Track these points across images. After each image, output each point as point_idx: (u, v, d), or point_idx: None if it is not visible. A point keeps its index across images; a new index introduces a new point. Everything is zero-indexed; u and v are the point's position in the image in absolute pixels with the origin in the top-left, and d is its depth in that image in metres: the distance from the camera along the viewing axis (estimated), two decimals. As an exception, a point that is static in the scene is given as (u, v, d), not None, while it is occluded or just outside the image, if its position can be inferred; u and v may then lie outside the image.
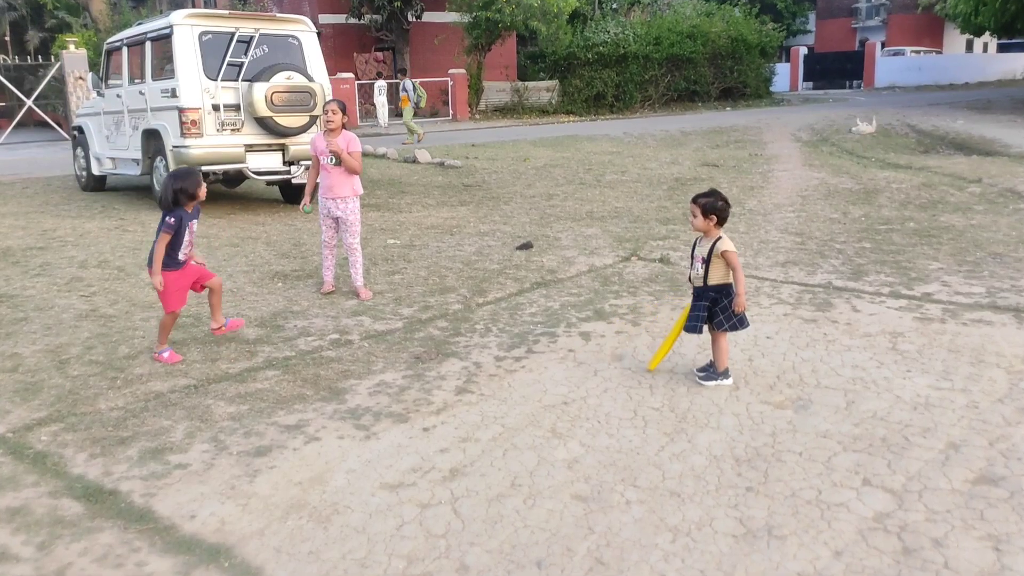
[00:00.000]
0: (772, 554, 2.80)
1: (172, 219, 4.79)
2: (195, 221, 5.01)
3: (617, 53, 28.68)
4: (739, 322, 4.28)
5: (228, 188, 11.65)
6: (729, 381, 4.30)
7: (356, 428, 3.92)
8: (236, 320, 5.45)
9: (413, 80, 18.08)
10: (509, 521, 3.07)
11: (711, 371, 4.36)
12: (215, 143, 9.43)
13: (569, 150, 16.67)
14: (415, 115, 19.32)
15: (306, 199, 6.45)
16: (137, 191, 11.70)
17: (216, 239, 8.49)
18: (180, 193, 4.81)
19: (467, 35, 27.51)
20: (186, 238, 4.91)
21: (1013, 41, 42.46)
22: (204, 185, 4.98)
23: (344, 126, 6.25)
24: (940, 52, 46.56)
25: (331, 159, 6.17)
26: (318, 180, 6.35)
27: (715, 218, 4.23)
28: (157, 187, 10.10)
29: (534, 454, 3.60)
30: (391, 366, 4.77)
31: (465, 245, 8.08)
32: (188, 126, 9.24)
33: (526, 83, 29.84)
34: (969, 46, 48.53)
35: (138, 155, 10.33)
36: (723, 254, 4.22)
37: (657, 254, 7.43)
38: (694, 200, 4.31)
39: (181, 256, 4.93)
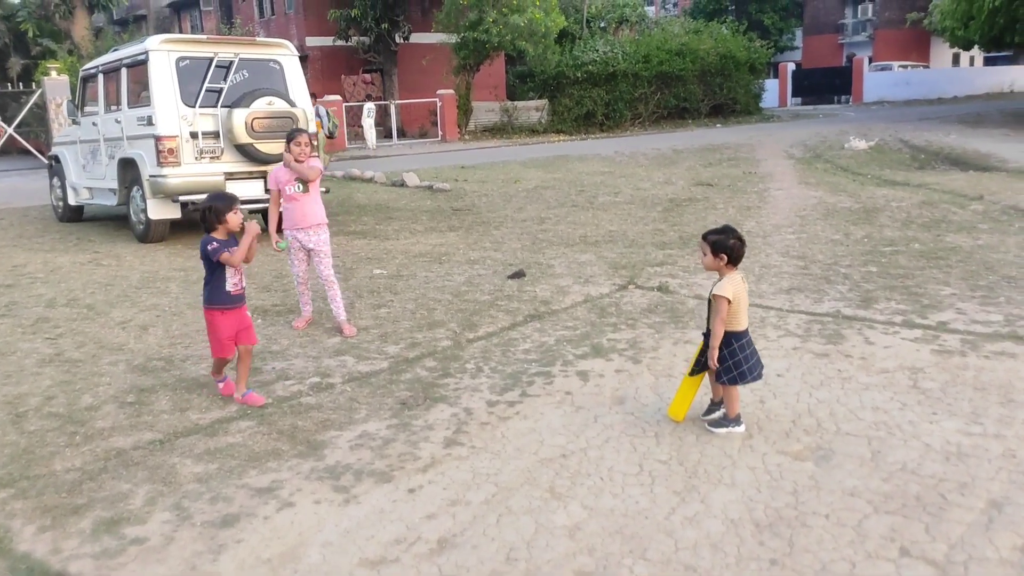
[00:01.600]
0: (806, 645, 2.45)
1: (217, 243, 4.46)
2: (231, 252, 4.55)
3: (606, 71, 28.50)
4: (739, 376, 3.90)
5: (209, 217, 11.30)
6: (741, 428, 3.96)
7: (335, 490, 3.56)
8: (256, 396, 4.65)
9: (327, 108, 16.98)
10: (505, 606, 2.71)
11: (721, 417, 4.01)
12: (194, 172, 9.09)
13: (560, 171, 16.39)
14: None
15: (275, 234, 6.08)
16: (114, 222, 11.33)
17: (194, 272, 8.12)
18: (210, 212, 4.47)
19: (455, 56, 27.29)
20: (231, 268, 4.53)
21: (999, 55, 42.60)
22: (239, 214, 4.57)
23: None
24: (927, 66, 46.64)
25: (298, 187, 5.87)
26: (281, 211, 6.03)
27: (725, 257, 3.87)
28: (134, 217, 9.77)
29: (531, 520, 3.25)
30: (375, 414, 4.42)
31: (454, 274, 7.74)
32: (165, 155, 8.91)
33: (515, 103, 29.60)
34: (956, 60, 48.67)
35: (115, 185, 10.00)
36: (715, 298, 3.86)
37: (655, 282, 7.10)
38: (704, 237, 3.95)
39: (230, 287, 4.55)
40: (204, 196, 9.09)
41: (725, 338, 3.87)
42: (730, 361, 3.88)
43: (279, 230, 6.08)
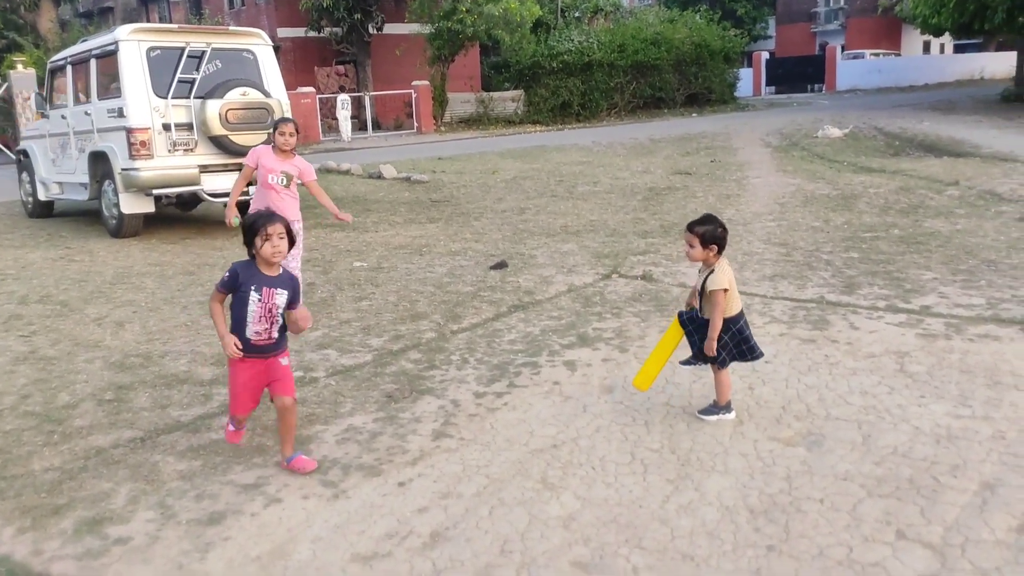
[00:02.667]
0: (807, 632, 2.43)
1: (229, 274, 3.53)
2: (277, 293, 3.56)
3: (582, 61, 28.44)
4: (721, 362, 3.88)
5: (183, 211, 11.14)
6: (731, 415, 3.94)
7: (323, 485, 3.50)
8: (307, 460, 3.65)
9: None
10: (501, 599, 2.66)
11: (711, 405, 3.99)
12: (167, 164, 8.94)
13: (538, 161, 16.33)
14: None
15: (233, 211, 5.95)
16: (86, 217, 11.13)
17: (170, 267, 8.00)
18: (248, 232, 3.55)
19: (429, 46, 27.13)
20: (254, 309, 3.50)
21: (969, 42, 43.03)
22: (276, 238, 3.51)
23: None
24: (899, 54, 47.01)
25: (283, 180, 5.77)
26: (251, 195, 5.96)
27: (716, 247, 3.81)
28: (106, 212, 9.59)
29: (524, 511, 3.20)
30: (360, 407, 4.35)
31: (436, 266, 7.67)
32: (137, 147, 8.74)
33: (491, 94, 29.49)
34: (926, 48, 49.08)
35: (85, 179, 9.81)
36: (712, 293, 3.80)
37: (638, 270, 7.07)
38: (690, 229, 3.82)
39: (249, 334, 3.52)
40: (177, 189, 9.07)
41: (724, 325, 3.83)
42: (731, 344, 3.85)
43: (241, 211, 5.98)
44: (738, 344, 3.86)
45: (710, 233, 3.77)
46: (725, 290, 3.75)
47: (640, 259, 7.55)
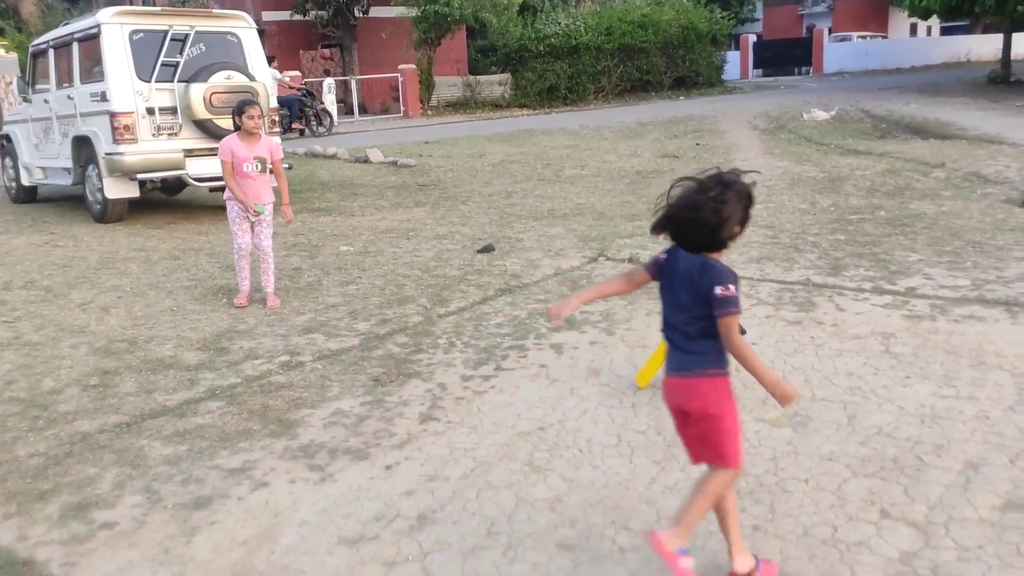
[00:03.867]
0: (792, 610, 2.45)
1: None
2: None
3: (569, 44, 28.26)
4: None
5: (168, 196, 11.05)
6: None
7: (310, 469, 3.49)
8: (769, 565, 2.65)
9: None
10: (488, 581, 2.67)
11: None
12: (151, 149, 8.85)
13: (525, 145, 16.27)
14: None
15: (248, 201, 5.90)
16: (70, 202, 11.02)
17: (155, 252, 7.94)
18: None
19: (415, 29, 26.90)
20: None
21: (955, 24, 43.05)
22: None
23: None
24: (886, 36, 47.01)
25: (257, 166, 5.83)
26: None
27: None
28: (90, 197, 9.51)
29: (511, 493, 3.21)
30: (347, 391, 4.34)
31: (423, 250, 7.64)
32: (121, 131, 8.65)
33: (477, 77, 29.29)
34: (913, 30, 49.11)
35: (69, 164, 9.71)
36: None
37: (625, 254, 7.07)
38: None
39: None
40: (162, 174, 8.99)
41: None
42: None
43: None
44: None
45: None
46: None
47: (627, 242, 7.55)
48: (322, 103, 22.09)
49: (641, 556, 2.74)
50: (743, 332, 2.63)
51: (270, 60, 23.41)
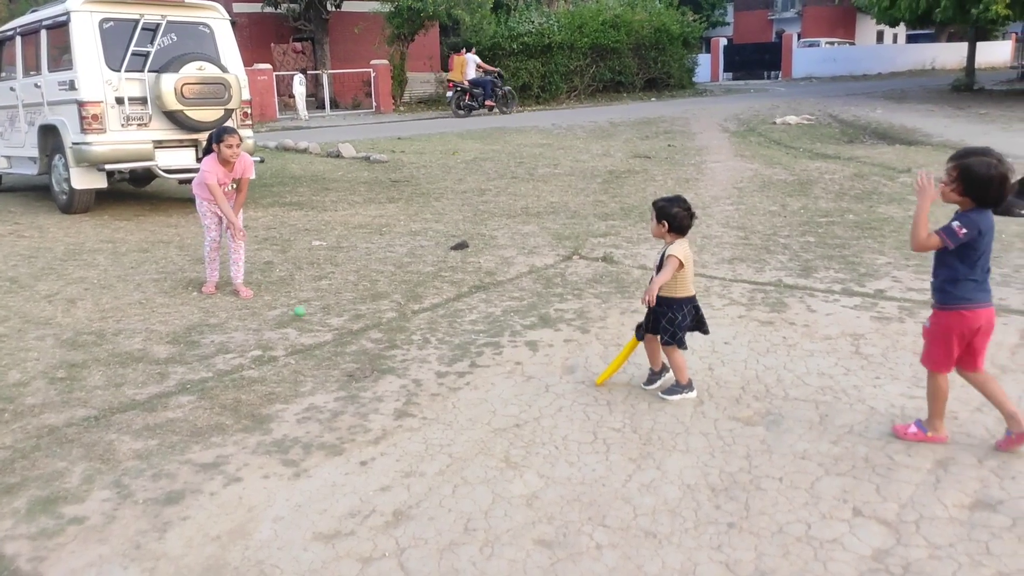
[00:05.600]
0: (767, 606, 2.47)
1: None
2: None
3: (542, 43, 28.33)
4: (671, 337, 3.93)
5: (136, 188, 10.89)
6: (693, 394, 3.98)
7: (283, 464, 3.46)
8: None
9: None
10: (465, 577, 2.66)
11: (674, 384, 4.03)
12: (120, 139, 8.72)
13: (498, 143, 16.27)
14: None
15: (239, 225, 5.96)
16: (36, 192, 10.82)
17: (123, 243, 7.82)
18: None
19: (388, 25, 26.79)
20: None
21: (921, 32, 43.78)
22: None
23: None
24: (853, 43, 47.68)
25: (231, 187, 5.99)
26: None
27: (667, 224, 3.91)
28: (56, 187, 9.35)
29: (487, 489, 3.20)
30: (321, 386, 4.31)
31: (396, 246, 7.61)
32: (89, 121, 8.50)
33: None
34: (880, 37, 49.87)
35: (35, 153, 9.53)
36: (667, 257, 3.88)
37: (599, 252, 7.10)
38: (653, 203, 4.00)
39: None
40: (130, 165, 8.85)
41: (669, 303, 3.89)
42: (672, 326, 3.92)
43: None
44: (676, 326, 3.92)
45: (663, 209, 3.92)
46: (679, 260, 3.83)
47: (601, 241, 7.58)
48: (508, 85, 25.25)
49: (618, 553, 2.75)
50: None
51: (467, 47, 24.79)
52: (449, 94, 23.82)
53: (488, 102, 23.61)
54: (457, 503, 3.11)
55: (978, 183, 3.24)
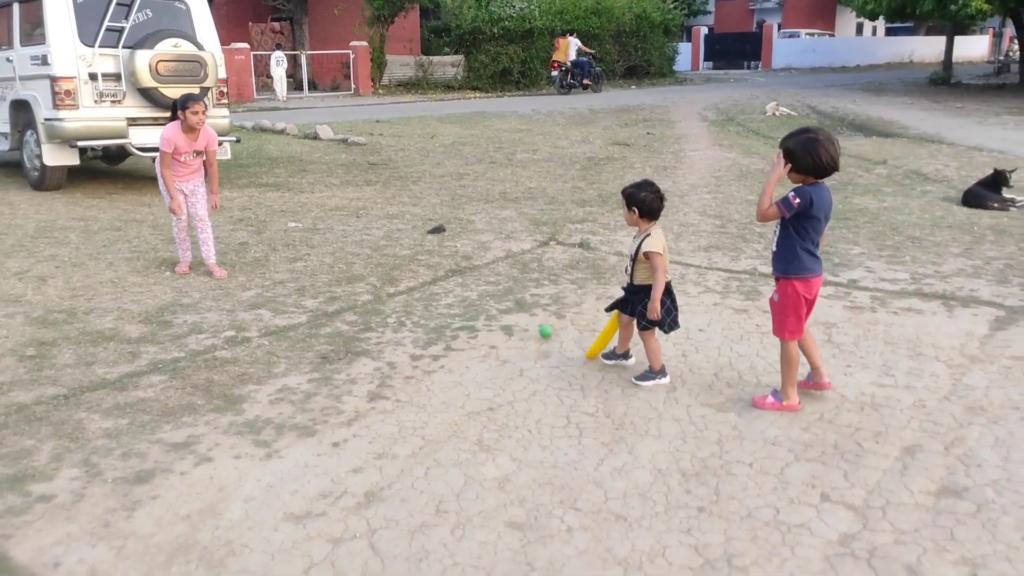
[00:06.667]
0: (735, 589, 2.50)
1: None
2: None
3: (523, 28, 28.22)
4: (649, 322, 3.96)
5: (109, 165, 10.74)
6: (666, 380, 4.01)
7: (255, 445, 3.44)
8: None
9: None
10: (436, 558, 2.67)
11: (647, 371, 4.05)
12: (93, 116, 8.59)
13: (477, 127, 16.21)
14: None
15: (180, 205, 5.87)
16: (6, 168, 10.64)
17: (96, 221, 7.72)
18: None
19: (368, 6, 26.56)
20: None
21: (900, 25, 44.06)
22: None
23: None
24: (833, 35, 47.90)
25: (194, 155, 5.93)
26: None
27: (637, 210, 3.94)
28: (28, 163, 9.20)
29: (460, 472, 3.21)
30: (295, 368, 4.29)
31: (373, 228, 7.57)
32: (62, 96, 8.37)
33: (430, 58, 29.09)
34: (859, 29, 50.13)
35: (6, 128, 9.38)
36: (646, 255, 3.89)
37: (576, 238, 7.11)
38: (622, 190, 4.04)
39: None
40: (103, 142, 8.73)
41: (647, 290, 3.89)
42: (667, 307, 3.96)
43: None
44: (668, 311, 3.95)
45: (632, 195, 3.95)
46: (656, 253, 3.86)
47: (578, 227, 7.59)
48: (600, 67, 27.45)
49: (589, 535, 2.77)
50: None
51: (569, 32, 25.70)
52: (554, 73, 26.00)
53: (585, 80, 25.61)
54: (429, 485, 3.11)
55: (801, 159, 3.52)
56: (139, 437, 3.51)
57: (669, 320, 3.98)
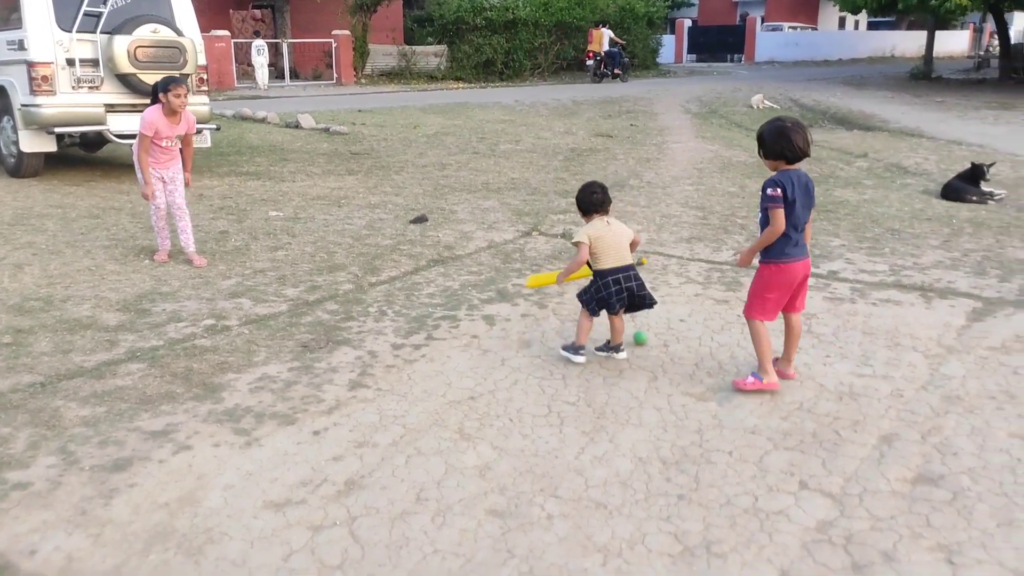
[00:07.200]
0: (714, 576, 2.51)
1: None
2: None
3: (506, 18, 28.10)
4: (582, 301, 4.16)
5: (87, 152, 10.63)
6: (581, 359, 4.15)
7: (235, 433, 3.42)
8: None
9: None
10: (416, 545, 2.67)
11: (571, 343, 4.22)
12: (70, 102, 8.49)
13: (460, 118, 16.16)
14: None
15: (152, 189, 5.81)
16: (-17, 154, 10.49)
17: (73, 209, 7.64)
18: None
19: (351, -6, 26.36)
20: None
21: (882, 20, 44.28)
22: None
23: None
24: (815, 28, 48.06)
25: (175, 142, 5.88)
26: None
27: (580, 210, 4.21)
28: (4, 150, 9.09)
29: (441, 460, 3.20)
30: (275, 356, 4.26)
31: (354, 218, 7.54)
32: (39, 82, 8.26)
33: (413, 47, 28.91)
34: (842, 23, 50.31)
35: (-18, 114, 9.24)
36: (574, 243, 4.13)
37: (559, 229, 7.11)
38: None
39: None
40: (81, 128, 8.63)
41: (594, 273, 4.10)
42: (586, 294, 4.14)
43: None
44: (591, 294, 4.11)
45: (577, 200, 4.20)
46: (578, 243, 4.04)
47: (560, 218, 7.59)
48: (627, 57, 28.77)
49: (569, 523, 2.78)
50: None
51: (603, 23, 27.08)
52: (589, 63, 27.45)
53: (616, 70, 27.15)
54: (410, 473, 3.11)
55: (769, 144, 3.70)
56: (117, 425, 3.48)
57: (594, 303, 4.10)
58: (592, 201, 4.13)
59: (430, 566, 2.56)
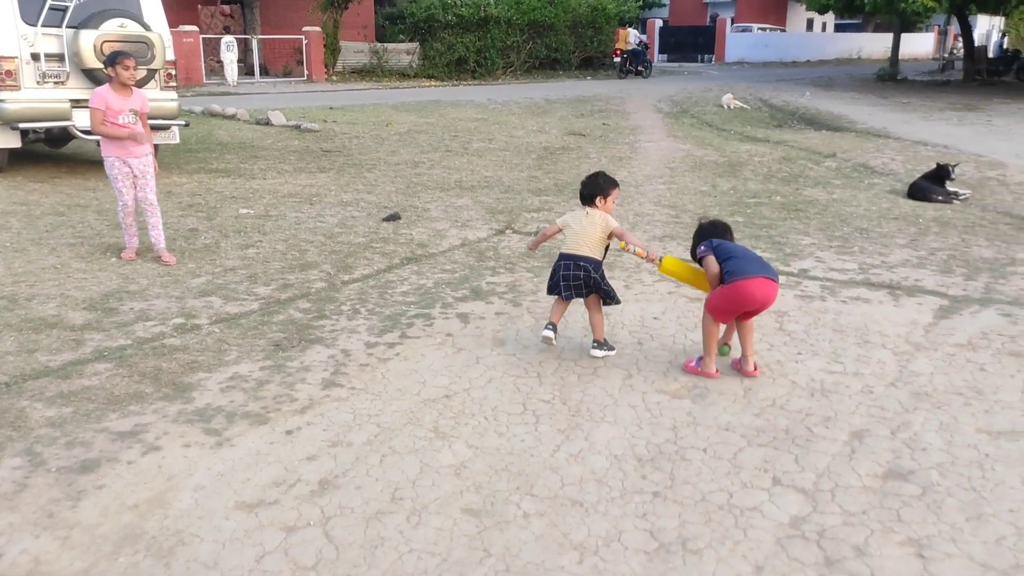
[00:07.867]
0: (689, 572, 2.52)
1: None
2: None
3: (478, 16, 28.07)
4: (551, 288, 4.24)
5: (52, 148, 10.44)
6: (550, 334, 4.16)
7: (205, 433, 3.38)
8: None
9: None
10: (392, 545, 2.65)
11: (548, 322, 4.26)
12: (35, 97, 8.33)
13: (433, 116, 16.11)
14: None
15: (128, 131, 5.69)
16: (-56, 150, 10.27)
17: (38, 206, 7.51)
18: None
19: (322, -9, 26.18)
20: None
21: (849, 22, 44.85)
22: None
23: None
24: (784, 30, 48.54)
25: (132, 118, 5.72)
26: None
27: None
28: (-33, 146, 8.89)
29: (416, 459, 3.18)
30: (246, 355, 4.21)
31: (326, 216, 7.48)
32: (2, 77, 8.10)
33: (385, 45, 28.78)
34: (810, 25, 50.87)
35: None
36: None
37: (532, 227, 7.10)
38: None
39: None
40: (46, 124, 8.47)
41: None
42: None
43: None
44: (552, 280, 4.23)
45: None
46: (554, 227, 4.35)
47: (534, 216, 7.58)
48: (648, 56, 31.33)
49: (545, 521, 2.77)
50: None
51: (628, 23, 28.42)
52: (616, 60, 30.17)
53: (640, 67, 29.58)
54: (384, 472, 3.08)
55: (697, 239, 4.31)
56: (84, 426, 3.42)
57: (551, 283, 4.22)
58: (580, 194, 4.34)
59: (406, 566, 2.54)
